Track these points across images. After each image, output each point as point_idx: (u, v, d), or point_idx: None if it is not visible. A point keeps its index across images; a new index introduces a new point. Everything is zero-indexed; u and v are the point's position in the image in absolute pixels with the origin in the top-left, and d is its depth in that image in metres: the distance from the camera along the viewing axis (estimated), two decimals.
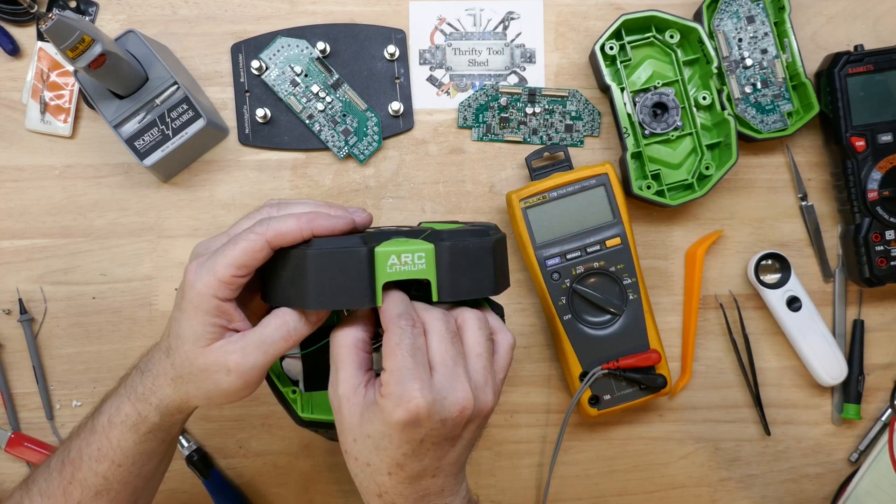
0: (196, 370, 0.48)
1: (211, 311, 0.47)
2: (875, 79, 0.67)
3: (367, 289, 0.46)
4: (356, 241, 0.47)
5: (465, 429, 0.46)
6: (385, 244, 0.47)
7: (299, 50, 0.70)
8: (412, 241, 0.47)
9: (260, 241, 0.46)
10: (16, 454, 0.68)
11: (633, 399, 0.67)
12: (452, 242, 0.47)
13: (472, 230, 0.50)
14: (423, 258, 0.47)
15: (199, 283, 0.47)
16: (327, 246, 0.46)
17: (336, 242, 0.47)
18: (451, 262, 0.47)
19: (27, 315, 0.69)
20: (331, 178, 0.71)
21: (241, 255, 0.46)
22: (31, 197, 0.70)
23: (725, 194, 0.72)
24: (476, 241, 0.48)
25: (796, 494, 0.72)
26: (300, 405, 0.53)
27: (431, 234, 0.48)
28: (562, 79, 0.71)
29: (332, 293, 0.46)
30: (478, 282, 0.48)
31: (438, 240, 0.47)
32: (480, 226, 0.52)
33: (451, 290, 0.47)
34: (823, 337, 0.69)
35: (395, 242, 0.47)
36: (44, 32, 0.54)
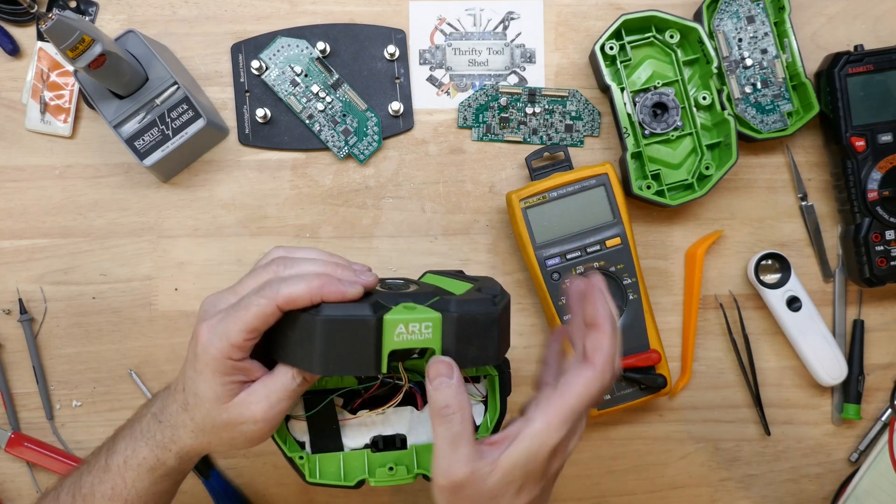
0: (220, 424, 0.49)
1: (228, 372, 0.48)
2: (875, 79, 0.67)
3: (374, 357, 0.47)
4: (365, 308, 0.47)
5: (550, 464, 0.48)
6: (393, 311, 0.47)
7: (299, 50, 0.70)
8: (420, 308, 0.47)
9: (271, 307, 0.46)
10: (16, 454, 0.68)
11: (633, 399, 0.67)
12: (460, 314, 0.47)
13: (479, 298, 0.49)
14: (430, 328, 0.47)
15: (213, 349, 0.47)
16: (337, 314, 0.46)
17: (345, 310, 0.47)
18: (457, 332, 0.47)
19: (27, 315, 0.69)
20: (331, 178, 0.71)
21: (253, 319, 0.46)
22: (31, 197, 0.70)
23: (725, 194, 0.72)
24: (483, 311, 0.48)
25: (796, 494, 0.72)
26: (307, 470, 0.54)
27: (440, 302, 0.48)
28: (562, 79, 0.71)
29: (339, 360, 0.46)
30: (482, 351, 0.48)
31: (446, 309, 0.48)
32: (488, 289, 0.52)
33: (455, 360, 0.48)
34: (823, 337, 0.69)
35: (402, 309, 0.47)
36: (44, 32, 0.54)
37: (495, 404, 0.55)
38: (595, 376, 0.47)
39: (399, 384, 0.54)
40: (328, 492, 0.70)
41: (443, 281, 0.55)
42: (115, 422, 0.69)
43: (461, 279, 0.55)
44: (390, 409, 0.55)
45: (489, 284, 0.53)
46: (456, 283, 0.54)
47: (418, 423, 0.55)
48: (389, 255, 0.70)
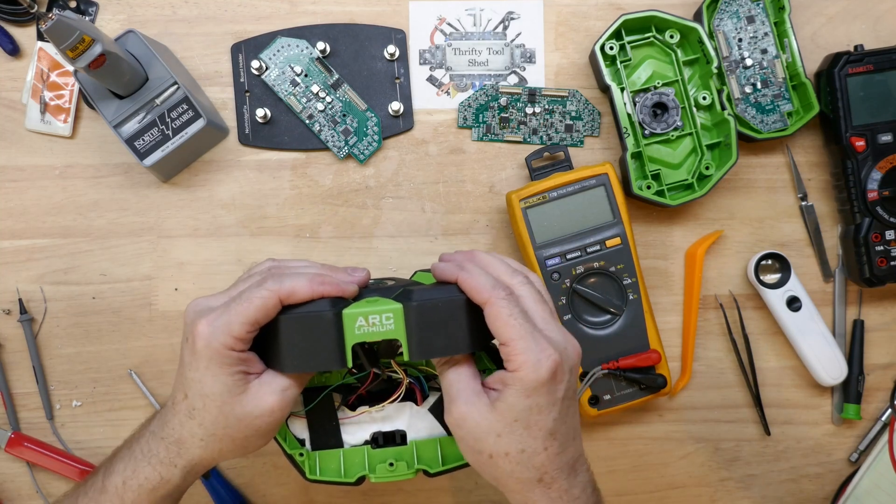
0: (234, 421, 0.48)
1: (233, 363, 0.47)
2: (875, 79, 0.67)
3: (337, 351, 0.47)
4: (325, 304, 0.47)
5: (574, 377, 0.48)
6: (354, 305, 0.47)
7: (299, 50, 0.70)
8: (381, 300, 0.47)
9: (273, 299, 0.47)
10: (16, 454, 0.68)
11: (633, 399, 0.67)
12: (420, 302, 0.47)
13: (447, 287, 0.49)
14: (392, 319, 0.47)
15: (216, 342, 0.47)
16: (296, 312, 0.47)
17: (306, 307, 0.47)
18: (419, 321, 0.47)
19: (27, 315, 0.69)
20: (331, 178, 0.71)
21: (255, 312, 0.47)
22: (31, 197, 0.70)
23: (725, 194, 0.72)
24: (447, 298, 0.47)
25: (796, 494, 0.72)
26: (307, 467, 0.54)
27: (403, 293, 0.48)
28: (562, 79, 0.71)
29: (303, 357, 0.47)
30: (451, 339, 0.47)
31: (408, 299, 0.47)
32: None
33: (421, 350, 0.47)
34: (823, 337, 0.69)
35: (364, 303, 0.47)
36: (44, 32, 0.54)
37: None
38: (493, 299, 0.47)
39: (398, 380, 0.54)
40: (328, 492, 0.70)
41: (430, 278, 0.54)
42: (115, 422, 0.70)
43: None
44: (390, 405, 0.55)
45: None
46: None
47: (418, 419, 0.55)
48: (389, 255, 0.70)
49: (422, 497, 0.71)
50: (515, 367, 0.46)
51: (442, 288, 0.49)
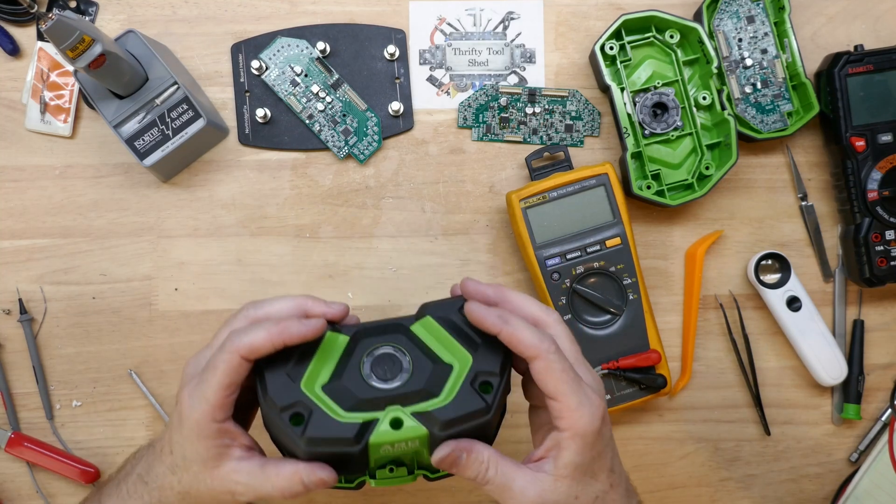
0: (205, 490, 0.49)
1: (213, 435, 0.48)
2: (875, 79, 0.67)
3: (364, 466, 0.49)
4: (350, 430, 0.46)
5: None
6: (377, 434, 0.47)
7: (299, 50, 0.70)
8: (406, 426, 0.47)
9: (235, 359, 0.47)
10: (16, 454, 0.68)
11: (633, 399, 0.67)
12: (448, 434, 0.46)
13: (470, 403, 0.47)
14: (417, 443, 0.47)
15: (195, 413, 0.48)
16: (320, 434, 0.47)
17: (328, 430, 0.47)
18: (445, 439, 0.47)
19: (27, 315, 0.69)
20: (331, 178, 0.71)
21: (223, 377, 0.47)
22: (31, 197, 0.70)
23: (725, 194, 0.72)
24: (474, 425, 0.47)
25: (796, 494, 0.72)
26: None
27: (426, 417, 0.47)
28: (562, 79, 0.71)
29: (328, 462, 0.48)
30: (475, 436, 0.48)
31: (432, 428, 0.46)
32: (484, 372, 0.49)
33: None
34: (823, 337, 0.69)
35: (388, 427, 0.47)
36: (44, 32, 0.54)
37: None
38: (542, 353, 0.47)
39: None
40: (328, 491, 0.70)
41: (439, 337, 0.51)
42: (115, 422, 0.70)
43: (461, 340, 0.51)
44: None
45: (490, 346, 0.49)
46: (453, 348, 0.51)
47: None
48: (389, 255, 0.70)
49: (421, 497, 0.71)
50: (570, 423, 0.46)
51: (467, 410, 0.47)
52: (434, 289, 0.70)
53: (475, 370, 0.49)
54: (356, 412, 0.48)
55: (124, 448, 0.70)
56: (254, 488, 0.48)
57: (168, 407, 0.70)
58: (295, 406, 0.47)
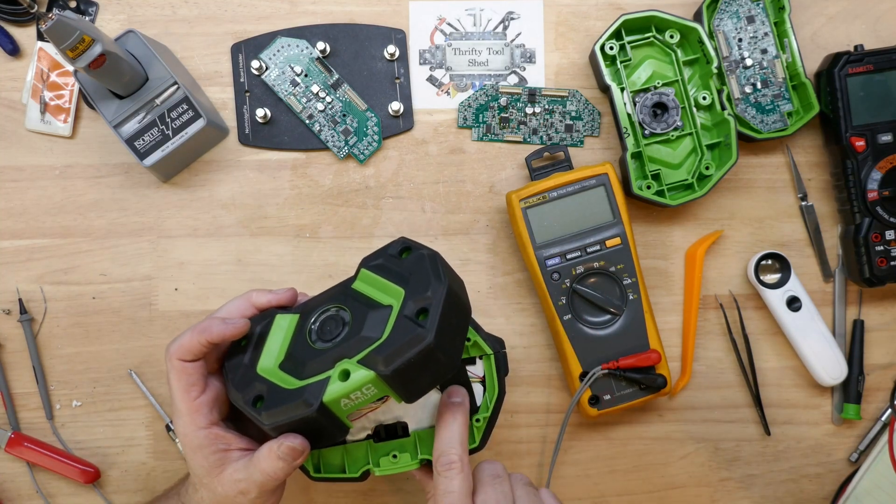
0: (223, 497, 0.52)
1: (204, 444, 0.51)
2: (875, 79, 0.67)
3: (337, 427, 0.49)
4: (299, 397, 0.47)
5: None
6: (329, 392, 0.47)
7: (299, 50, 0.70)
8: (353, 375, 0.47)
9: (176, 364, 0.52)
10: (16, 454, 0.68)
11: (633, 399, 0.67)
12: (394, 369, 0.46)
13: (406, 332, 0.46)
14: (372, 387, 0.47)
15: (180, 428, 0.52)
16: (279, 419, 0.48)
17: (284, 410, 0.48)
18: (400, 379, 0.47)
19: (27, 315, 0.69)
20: (331, 178, 0.71)
21: (177, 383, 0.51)
22: (31, 197, 0.70)
23: (725, 194, 0.72)
24: (416, 352, 0.46)
25: (796, 494, 0.72)
26: (311, 465, 0.55)
27: (368, 358, 0.47)
28: (562, 79, 0.71)
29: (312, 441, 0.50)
30: (437, 373, 0.48)
31: (375, 367, 0.46)
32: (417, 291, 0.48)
33: (413, 395, 0.48)
34: (823, 337, 0.69)
35: (337, 381, 0.47)
36: (44, 32, 0.54)
37: (493, 384, 0.56)
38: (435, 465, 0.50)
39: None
40: (328, 491, 0.70)
41: (376, 285, 0.52)
42: (115, 422, 0.70)
43: (395, 279, 0.51)
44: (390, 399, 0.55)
45: (421, 275, 0.49)
46: (389, 289, 0.51)
47: (417, 408, 0.55)
48: None
49: (422, 497, 0.71)
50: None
51: (404, 339, 0.46)
52: None
53: (408, 301, 0.48)
54: (308, 378, 0.49)
55: (124, 448, 0.70)
56: (250, 477, 0.50)
57: (167, 407, 0.70)
58: (254, 390, 0.49)
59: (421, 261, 0.50)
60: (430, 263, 0.50)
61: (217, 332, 0.51)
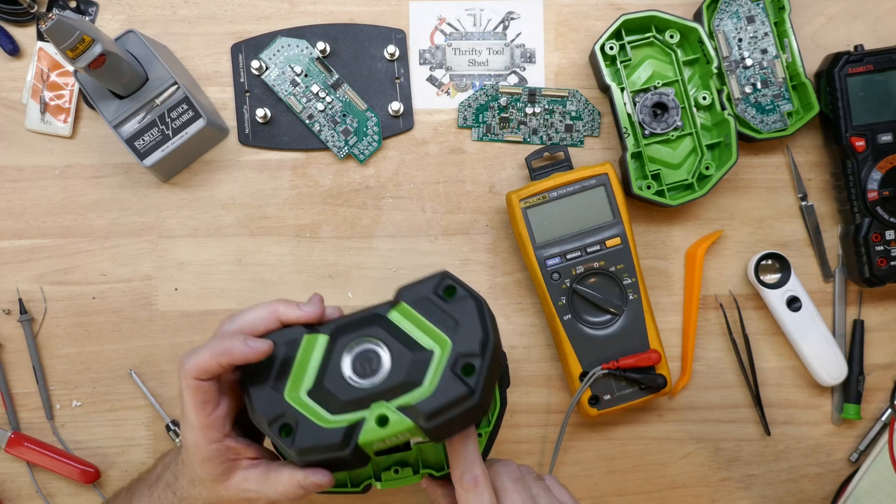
0: (224, 500, 0.52)
1: (214, 456, 0.51)
2: (875, 79, 0.67)
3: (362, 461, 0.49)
4: (335, 438, 0.47)
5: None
6: (365, 432, 0.47)
7: (299, 50, 0.70)
8: (392, 420, 0.47)
9: (191, 383, 0.49)
10: (16, 454, 0.68)
11: (633, 399, 0.67)
12: (434, 424, 0.46)
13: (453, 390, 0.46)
14: (408, 434, 0.48)
15: (190, 440, 0.51)
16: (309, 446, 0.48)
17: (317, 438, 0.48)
18: (435, 431, 0.47)
19: (27, 315, 0.69)
20: (331, 178, 0.71)
21: (191, 400, 0.50)
22: (31, 197, 0.70)
23: (725, 194, 0.72)
24: (460, 412, 0.47)
25: (796, 494, 0.72)
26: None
27: (411, 410, 0.47)
28: (562, 79, 0.71)
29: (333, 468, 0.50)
30: (467, 421, 0.48)
31: (416, 419, 0.47)
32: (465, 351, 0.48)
33: (442, 439, 0.48)
34: (823, 337, 0.69)
35: (374, 425, 0.47)
36: (44, 32, 0.54)
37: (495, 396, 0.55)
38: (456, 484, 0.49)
39: None
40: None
41: (416, 322, 0.51)
42: (115, 422, 0.70)
43: (438, 323, 0.50)
44: None
45: (468, 326, 0.49)
46: (431, 332, 0.50)
47: None
48: (389, 255, 0.70)
49: (422, 497, 0.71)
50: None
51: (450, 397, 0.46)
52: None
53: (455, 353, 0.48)
54: (342, 414, 0.48)
55: (124, 448, 0.70)
56: (263, 493, 0.51)
57: (167, 407, 0.70)
58: (282, 418, 0.48)
59: (467, 307, 0.49)
60: (478, 314, 0.49)
61: (239, 355, 0.48)
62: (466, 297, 0.50)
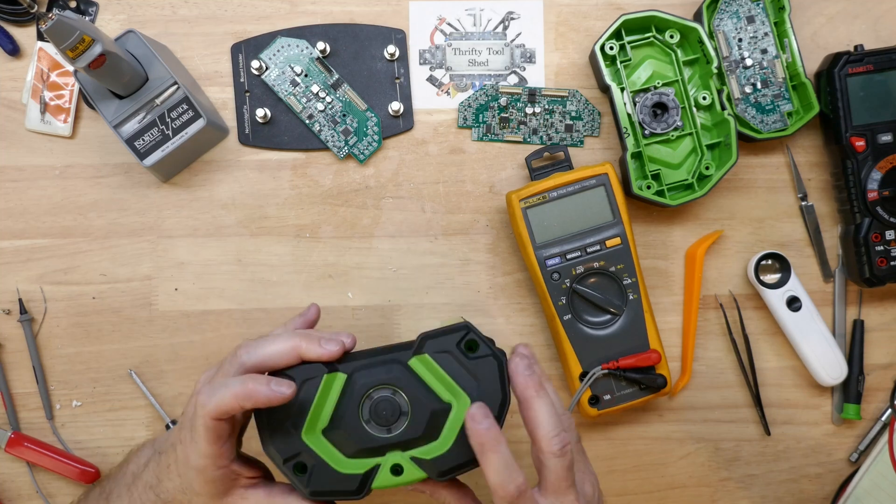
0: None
1: (218, 479, 0.51)
2: (875, 79, 0.67)
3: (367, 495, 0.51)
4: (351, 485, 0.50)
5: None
6: (380, 477, 0.50)
7: (299, 50, 0.70)
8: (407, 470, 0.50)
9: (209, 422, 0.49)
10: (16, 454, 0.68)
11: (633, 399, 0.67)
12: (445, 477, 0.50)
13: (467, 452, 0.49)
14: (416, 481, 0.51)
15: (198, 463, 0.50)
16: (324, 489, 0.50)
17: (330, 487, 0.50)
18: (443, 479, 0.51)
19: (27, 315, 0.69)
20: (331, 178, 0.71)
21: (205, 437, 0.49)
22: (31, 197, 0.70)
23: (725, 194, 0.72)
24: (470, 466, 0.50)
25: (796, 494, 0.72)
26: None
27: (427, 464, 0.50)
28: (562, 79, 0.71)
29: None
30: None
31: (431, 473, 0.50)
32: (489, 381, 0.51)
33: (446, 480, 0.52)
34: (823, 337, 0.69)
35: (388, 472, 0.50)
36: (44, 32, 0.54)
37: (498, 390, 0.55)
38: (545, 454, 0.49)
39: None
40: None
41: (437, 375, 0.51)
42: (115, 422, 0.70)
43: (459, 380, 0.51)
44: None
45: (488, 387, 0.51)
46: (451, 387, 0.51)
47: None
48: (389, 255, 0.70)
49: (423, 497, 0.71)
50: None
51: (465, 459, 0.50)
52: (434, 289, 0.70)
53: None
54: (357, 458, 0.50)
55: (124, 448, 0.69)
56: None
57: (167, 407, 0.70)
58: (297, 457, 0.50)
59: (488, 366, 0.51)
60: (499, 375, 0.51)
61: (263, 400, 0.48)
62: (488, 356, 0.51)
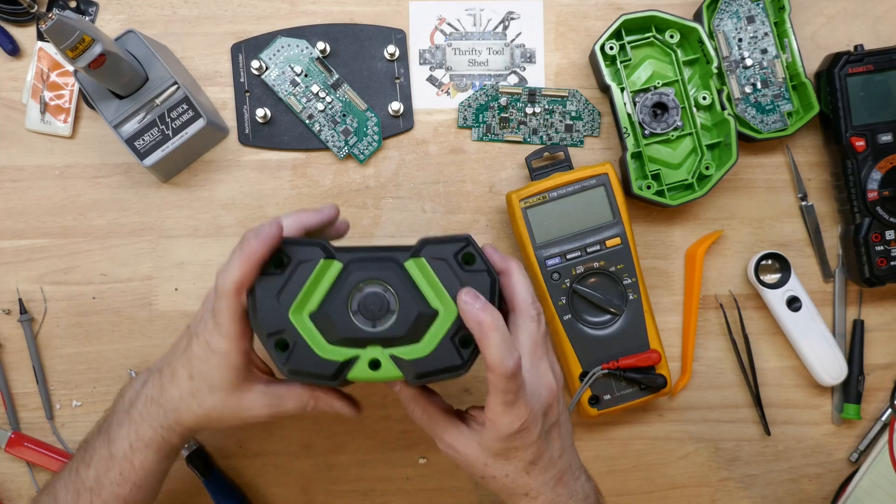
0: (230, 412, 0.53)
1: (241, 364, 0.51)
2: (875, 79, 0.67)
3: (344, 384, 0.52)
4: (328, 370, 0.49)
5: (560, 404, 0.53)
6: (356, 368, 0.50)
7: (299, 50, 0.70)
8: (384, 366, 0.50)
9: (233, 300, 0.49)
10: (16, 454, 0.68)
11: (633, 399, 0.67)
12: (419, 381, 0.50)
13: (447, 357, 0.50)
14: (391, 380, 0.51)
15: (220, 351, 0.51)
16: (302, 369, 0.50)
17: (307, 367, 0.50)
18: (417, 383, 0.51)
19: (27, 315, 0.69)
20: (331, 178, 0.71)
21: (229, 315, 0.50)
22: (31, 197, 0.70)
23: (725, 194, 0.72)
24: (447, 374, 0.50)
25: (796, 494, 0.72)
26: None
27: (406, 364, 0.50)
28: (562, 79, 0.71)
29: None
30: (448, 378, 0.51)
31: (408, 373, 0.50)
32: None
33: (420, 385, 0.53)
34: (823, 337, 0.69)
35: (365, 366, 0.50)
36: (44, 32, 0.54)
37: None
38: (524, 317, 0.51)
39: None
40: (328, 491, 0.70)
41: (430, 280, 0.51)
42: None
43: (451, 288, 0.51)
44: None
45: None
46: (442, 294, 0.51)
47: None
48: None
49: (422, 497, 0.71)
50: (490, 417, 0.49)
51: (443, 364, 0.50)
52: None
53: (459, 324, 0.50)
54: (338, 347, 0.50)
55: None
56: (273, 407, 0.53)
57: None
58: (281, 333, 0.50)
59: (481, 281, 0.51)
60: (490, 292, 0.51)
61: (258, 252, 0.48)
62: (483, 271, 0.51)
